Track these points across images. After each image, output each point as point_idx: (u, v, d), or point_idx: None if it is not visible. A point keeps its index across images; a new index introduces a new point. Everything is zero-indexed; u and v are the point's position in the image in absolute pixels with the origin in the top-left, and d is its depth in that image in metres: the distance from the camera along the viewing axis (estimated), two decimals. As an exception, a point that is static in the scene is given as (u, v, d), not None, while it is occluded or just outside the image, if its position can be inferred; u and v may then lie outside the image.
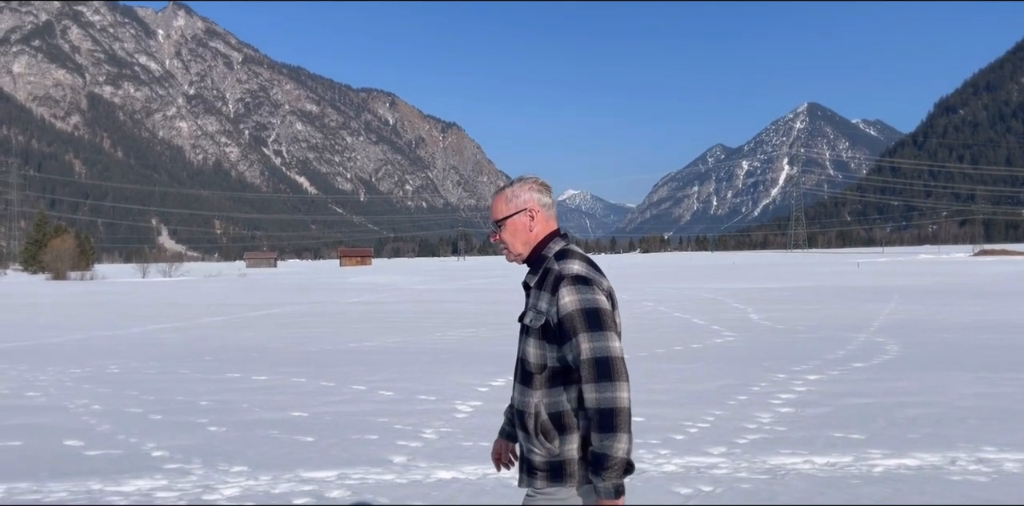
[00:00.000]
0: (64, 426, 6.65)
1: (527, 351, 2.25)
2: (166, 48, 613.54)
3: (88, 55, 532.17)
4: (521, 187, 2.37)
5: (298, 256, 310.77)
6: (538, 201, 2.36)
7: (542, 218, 2.35)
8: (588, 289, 2.16)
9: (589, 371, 2.09)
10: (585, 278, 2.19)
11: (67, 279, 68.83)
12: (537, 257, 2.34)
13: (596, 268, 2.28)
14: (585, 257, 2.28)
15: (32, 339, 15.29)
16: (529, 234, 2.35)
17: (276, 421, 6.70)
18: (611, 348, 2.10)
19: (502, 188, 2.42)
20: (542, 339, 2.20)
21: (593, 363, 2.08)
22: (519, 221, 2.35)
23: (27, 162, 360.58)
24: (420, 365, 10.30)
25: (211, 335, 15.82)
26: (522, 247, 2.36)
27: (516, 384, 2.31)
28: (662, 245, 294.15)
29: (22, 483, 4.91)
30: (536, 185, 2.38)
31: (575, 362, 2.13)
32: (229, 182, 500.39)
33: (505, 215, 2.36)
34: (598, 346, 2.09)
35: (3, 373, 10.12)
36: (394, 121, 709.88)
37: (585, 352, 2.10)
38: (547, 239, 2.35)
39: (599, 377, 2.07)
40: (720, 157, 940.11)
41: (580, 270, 2.21)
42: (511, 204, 2.36)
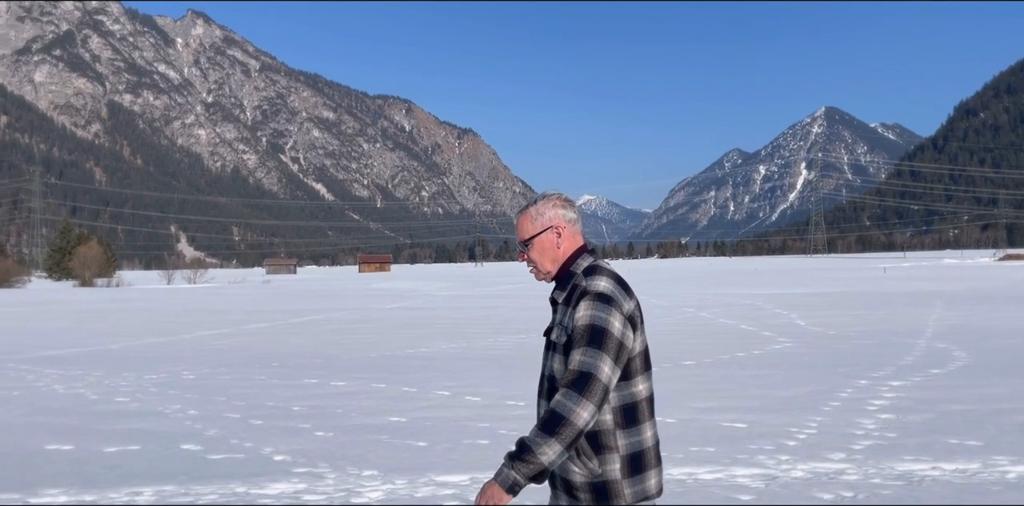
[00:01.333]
0: (171, 431, 6.76)
1: (553, 368, 2.23)
2: (185, 56, 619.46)
3: (108, 64, 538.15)
4: (545, 204, 2.36)
5: (316, 262, 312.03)
6: (563, 217, 2.35)
7: (568, 234, 2.34)
8: (605, 308, 2.14)
9: (567, 378, 2.08)
10: (607, 296, 2.16)
11: (93, 286, 69.57)
12: (565, 274, 2.32)
13: (624, 287, 2.24)
14: (614, 274, 2.26)
15: (88, 345, 15.50)
16: (557, 251, 2.33)
17: (379, 426, 6.78)
18: (598, 368, 2.06)
19: (525, 207, 2.39)
20: (566, 355, 2.18)
21: (575, 373, 2.06)
22: (546, 239, 2.33)
23: (49, 170, 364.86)
24: (491, 370, 10.36)
25: (264, 341, 15.98)
26: (551, 265, 2.34)
27: (541, 401, 2.28)
28: (680, 250, 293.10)
29: (167, 486, 5.03)
30: (560, 201, 2.37)
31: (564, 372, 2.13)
32: (247, 189, 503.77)
33: (532, 234, 2.34)
34: (587, 361, 2.07)
35: (82, 379, 10.28)
36: (410, 127, 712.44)
37: (573, 362, 2.08)
38: (575, 255, 2.33)
39: (571, 385, 2.05)
40: (737, 162, 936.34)
41: (605, 288, 2.19)
42: (536, 223, 2.34)
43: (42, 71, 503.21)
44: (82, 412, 7.81)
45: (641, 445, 2.16)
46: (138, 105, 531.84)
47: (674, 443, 5.92)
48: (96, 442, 6.36)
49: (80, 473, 5.36)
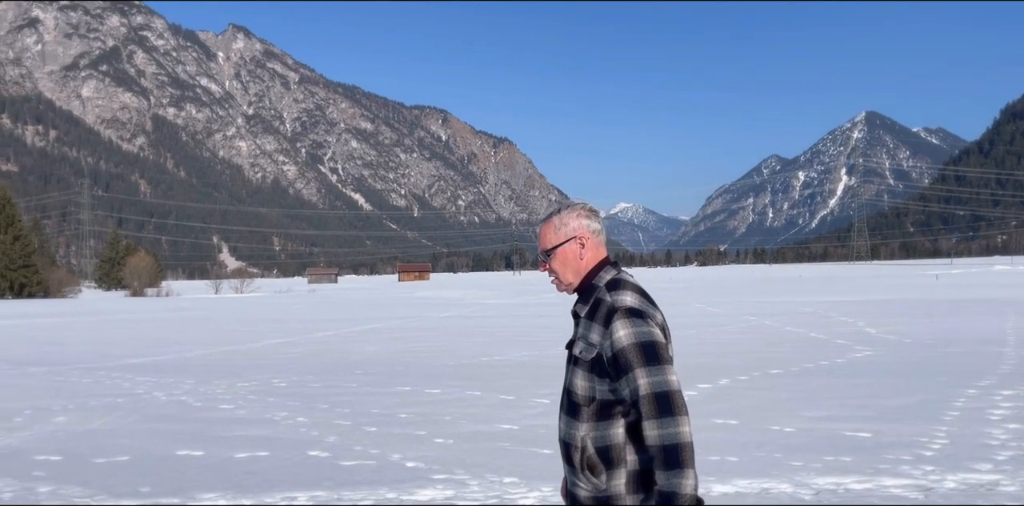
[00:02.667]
0: (290, 438, 6.86)
1: (574, 382, 2.19)
2: (226, 70, 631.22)
3: (153, 78, 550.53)
4: (569, 214, 2.31)
5: (354, 271, 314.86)
6: (587, 228, 2.29)
7: (592, 245, 2.29)
8: (643, 322, 2.10)
9: (649, 407, 2.02)
10: (639, 311, 2.12)
11: (144, 295, 70.95)
12: (588, 286, 2.26)
13: (649, 299, 2.20)
14: (638, 288, 2.21)
15: (165, 354, 15.79)
16: (580, 262, 2.28)
17: (495, 434, 6.81)
18: (669, 382, 2.04)
19: (549, 216, 2.35)
20: (591, 372, 2.14)
21: (653, 399, 2.02)
22: (569, 249, 2.28)
23: (96, 182, 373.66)
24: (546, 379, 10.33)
25: (336, 349, 16.14)
26: (573, 276, 2.29)
27: (562, 415, 2.25)
28: (719, 258, 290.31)
29: (317, 491, 5.09)
30: (584, 211, 2.33)
31: (632, 397, 2.07)
32: (287, 199, 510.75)
33: (555, 244, 2.29)
34: (656, 381, 2.03)
35: (177, 386, 10.47)
36: (446, 137, 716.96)
37: (644, 387, 2.03)
38: (598, 267, 2.28)
39: (660, 413, 2.01)
40: (775, 168, 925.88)
41: (634, 302, 2.14)
42: (560, 232, 2.29)
43: (89, 86, 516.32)
44: (193, 419, 7.96)
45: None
46: (181, 118, 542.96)
47: (803, 452, 5.85)
48: (223, 448, 6.47)
49: (225, 478, 5.46)
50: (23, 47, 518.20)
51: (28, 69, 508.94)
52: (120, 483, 5.37)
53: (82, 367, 13.30)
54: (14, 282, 67.46)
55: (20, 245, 68.52)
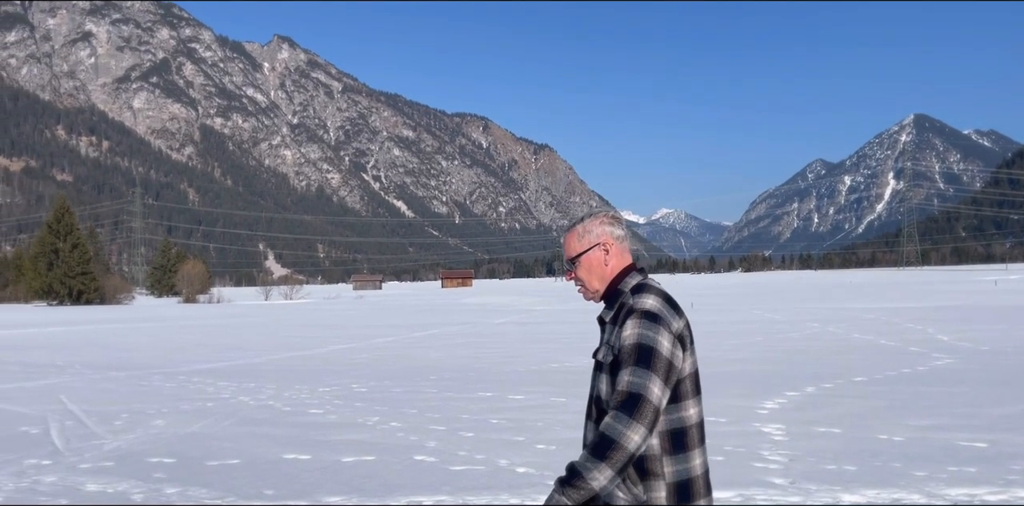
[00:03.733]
0: (392, 442, 6.91)
1: (600, 389, 2.16)
2: (271, 80, 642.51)
3: (200, 89, 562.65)
4: (592, 222, 2.30)
5: (397, 278, 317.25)
6: (611, 234, 2.28)
7: (617, 252, 2.27)
8: (652, 326, 2.06)
9: (617, 400, 2.00)
10: (654, 315, 2.09)
11: (196, 302, 72.31)
12: (613, 292, 2.25)
13: (673, 306, 2.17)
14: (663, 293, 2.19)
15: (234, 359, 16.06)
16: (604, 269, 2.26)
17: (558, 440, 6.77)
18: (648, 389, 1.98)
19: (572, 224, 2.34)
20: (613, 375, 2.10)
21: (624, 395, 1.99)
22: (594, 257, 2.27)
23: (146, 191, 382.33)
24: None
25: (401, 355, 16.26)
26: (598, 283, 2.28)
27: (588, 423, 2.20)
28: (764, 264, 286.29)
29: (439, 496, 5.11)
30: (607, 218, 2.32)
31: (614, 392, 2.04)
32: (331, 207, 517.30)
33: (579, 252, 2.28)
34: (636, 381, 1.99)
35: (260, 391, 10.64)
36: (487, 144, 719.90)
37: (622, 383, 2.01)
38: (623, 273, 2.27)
39: (620, 407, 1.97)
40: (820, 173, 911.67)
41: (653, 306, 2.12)
42: (584, 240, 2.28)
43: (140, 98, 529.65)
44: (288, 423, 8.07)
45: (689, 473, 2.07)
46: (228, 128, 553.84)
47: (924, 462, 5.73)
48: (328, 452, 6.55)
49: (343, 482, 5.52)
50: (77, 60, 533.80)
51: (82, 81, 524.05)
52: (242, 485, 5.47)
53: (161, 372, 13.58)
54: (73, 289, 69.23)
55: (78, 253, 70.35)
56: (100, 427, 8.01)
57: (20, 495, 5.29)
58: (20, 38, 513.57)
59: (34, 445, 7.13)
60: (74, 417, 8.70)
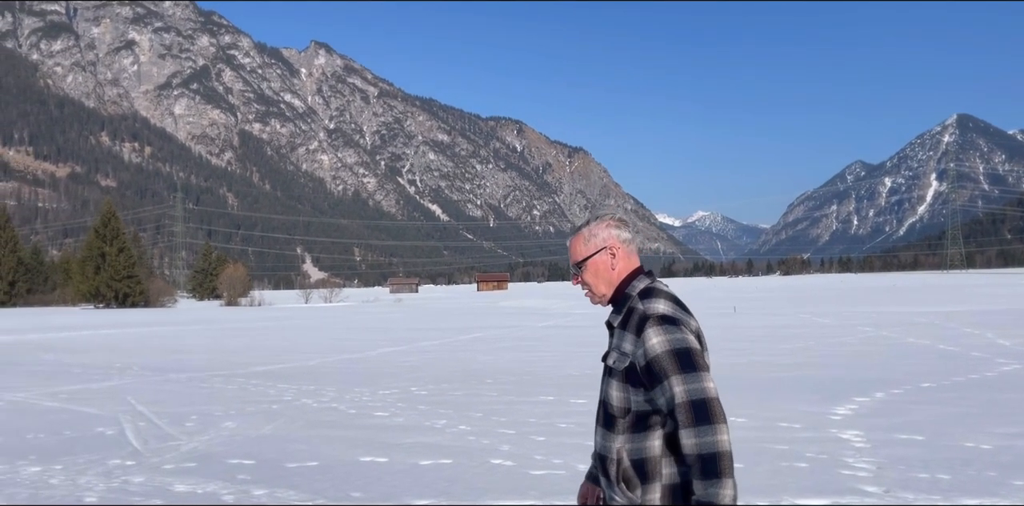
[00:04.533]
0: (464, 446, 6.91)
1: (610, 394, 2.15)
2: (308, 85, 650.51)
3: (239, 95, 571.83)
4: (598, 225, 2.28)
5: (432, 281, 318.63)
6: (617, 237, 2.26)
7: (623, 255, 2.25)
8: (676, 329, 2.05)
9: (686, 415, 1.97)
10: (672, 318, 2.08)
11: (238, 305, 73.29)
12: (621, 296, 2.23)
13: (683, 307, 2.16)
14: (672, 296, 2.17)
15: (288, 362, 16.21)
16: (611, 273, 2.24)
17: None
18: (707, 389, 1.99)
19: (578, 228, 2.31)
20: (625, 382, 2.10)
21: (689, 407, 1.96)
22: (600, 260, 2.24)
23: (187, 196, 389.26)
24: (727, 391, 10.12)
25: (452, 358, 16.28)
26: (605, 287, 2.25)
27: (598, 427, 2.21)
28: (803, 267, 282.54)
29: (527, 501, 5.09)
30: (613, 221, 2.29)
31: (668, 406, 2.02)
32: (367, 211, 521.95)
33: (585, 256, 2.26)
34: (693, 388, 1.98)
35: (322, 394, 10.72)
36: (521, 148, 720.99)
37: (680, 395, 1.98)
38: (630, 277, 2.24)
39: (697, 421, 1.95)
40: (860, 174, 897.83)
41: (666, 310, 2.10)
42: (590, 244, 2.26)
43: (181, 104, 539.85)
44: (356, 426, 8.11)
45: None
46: (266, 133, 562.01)
47: (1019, 471, 5.57)
48: (403, 455, 6.57)
49: (428, 485, 5.53)
50: (120, 68, 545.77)
51: (125, 89, 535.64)
52: (327, 488, 5.50)
53: (219, 374, 13.76)
54: (119, 292, 70.61)
55: (124, 257, 71.74)
56: (173, 428, 8.13)
57: (113, 495, 5.38)
58: (66, 46, 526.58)
59: (114, 446, 7.25)
60: (145, 418, 8.84)
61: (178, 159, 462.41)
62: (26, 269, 79.50)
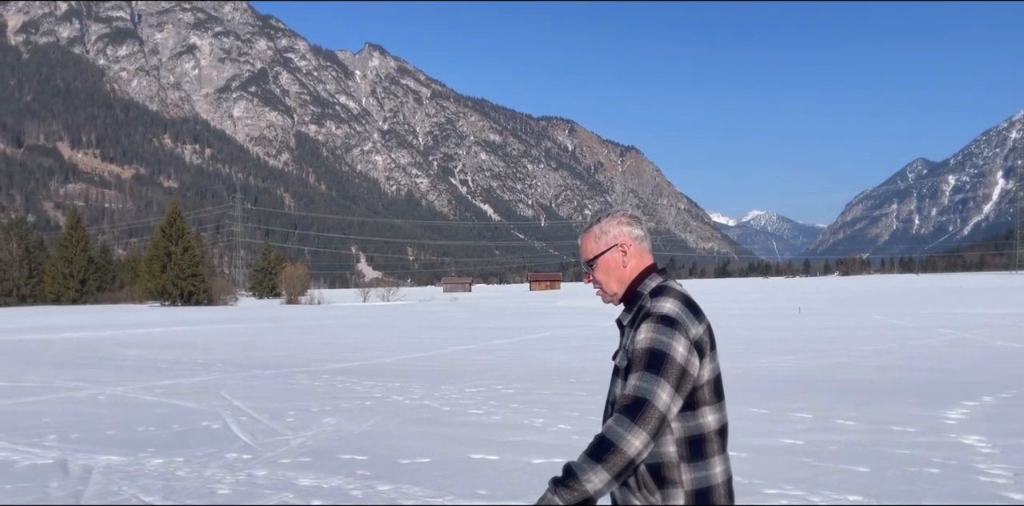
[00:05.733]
0: (571, 445, 6.86)
1: (616, 393, 2.10)
2: (362, 87, 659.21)
3: (296, 97, 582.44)
4: (609, 222, 2.23)
5: (484, 281, 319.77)
6: (629, 235, 2.20)
7: (635, 252, 2.19)
8: (667, 331, 1.99)
9: (621, 403, 1.94)
10: (671, 319, 2.01)
11: (299, 303, 74.55)
12: (633, 295, 2.17)
13: (694, 310, 2.08)
14: (683, 296, 2.10)
15: (365, 359, 16.37)
16: (623, 271, 2.19)
17: (784, 448, 6.57)
18: (655, 395, 1.91)
19: (589, 225, 2.27)
20: (627, 380, 2.03)
21: (630, 399, 1.92)
22: (611, 258, 2.19)
23: (245, 196, 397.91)
24: (817, 393, 9.91)
25: (525, 357, 16.26)
26: (617, 286, 2.20)
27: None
28: (862, 267, 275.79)
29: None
30: (625, 218, 2.24)
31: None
32: (420, 211, 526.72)
33: (596, 254, 2.21)
34: (643, 386, 1.93)
35: (411, 391, 10.80)
36: (573, 147, 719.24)
37: (629, 387, 1.95)
38: (643, 275, 2.18)
39: (624, 411, 1.91)
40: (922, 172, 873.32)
41: (670, 310, 2.04)
42: (601, 241, 2.21)
43: (239, 107, 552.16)
44: (455, 423, 8.15)
45: (709, 481, 2.00)
46: (322, 135, 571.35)
47: None
48: (513, 453, 6.56)
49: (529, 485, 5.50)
50: (182, 72, 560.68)
51: (187, 92, 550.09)
52: (451, 484, 5.52)
53: (302, 371, 13.98)
54: (184, 290, 72.42)
55: (189, 256, 73.57)
56: (275, 424, 8.26)
57: (243, 488, 5.48)
58: (131, 52, 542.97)
59: (223, 440, 7.40)
60: (244, 413, 9.01)
61: (237, 160, 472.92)
62: (96, 268, 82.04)
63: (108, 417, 8.86)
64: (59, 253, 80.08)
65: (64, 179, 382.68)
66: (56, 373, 13.79)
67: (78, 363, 15.91)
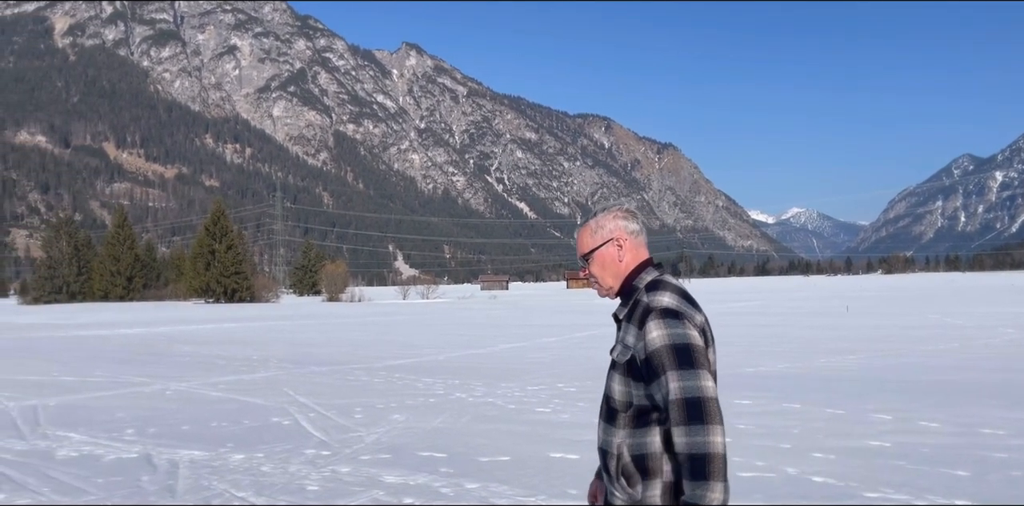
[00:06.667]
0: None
1: (612, 387, 2.12)
2: (400, 86, 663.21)
3: (334, 97, 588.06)
4: (606, 217, 2.24)
5: (520, 278, 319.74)
6: (625, 229, 2.22)
7: (631, 246, 2.21)
8: (678, 323, 2.00)
9: (679, 412, 1.92)
10: (675, 311, 2.03)
11: (340, 301, 75.21)
12: (628, 288, 2.18)
13: (690, 301, 2.10)
14: (679, 289, 2.12)
15: (416, 356, 16.39)
16: (619, 265, 2.20)
17: (874, 450, 6.40)
18: (703, 388, 1.93)
19: (586, 220, 2.29)
20: (627, 376, 2.06)
21: (683, 404, 1.92)
22: (607, 252, 2.21)
23: (285, 195, 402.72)
24: (890, 394, 9.67)
25: (578, 355, 16.14)
26: (612, 280, 2.21)
27: (600, 422, 2.19)
28: (906, 265, 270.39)
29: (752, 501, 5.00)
30: (621, 212, 2.25)
31: (663, 402, 1.98)
32: (456, 209, 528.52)
33: (592, 248, 2.23)
34: (689, 385, 1.92)
35: (471, 388, 10.77)
36: (609, 144, 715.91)
37: (674, 392, 1.93)
38: (638, 269, 2.20)
39: (690, 419, 1.90)
40: (968, 168, 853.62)
41: (670, 303, 2.05)
42: (597, 235, 2.23)
43: (279, 106, 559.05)
44: (524, 421, 8.08)
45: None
46: (360, 134, 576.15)
47: None
48: (592, 453, 6.43)
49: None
50: (223, 72, 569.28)
51: (227, 92, 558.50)
52: (539, 483, 5.46)
53: (359, 367, 14.03)
54: (227, 287, 73.47)
55: (232, 254, 74.62)
56: (344, 420, 8.27)
57: (332, 485, 5.47)
58: (173, 53, 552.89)
59: (298, 435, 7.42)
60: (312, 409, 9.04)
61: (276, 159, 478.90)
62: (142, 265, 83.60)
63: (179, 412, 8.96)
64: (107, 251, 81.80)
65: (110, 178, 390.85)
66: (120, 368, 14.02)
67: (139, 359, 16.17)
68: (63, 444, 7.03)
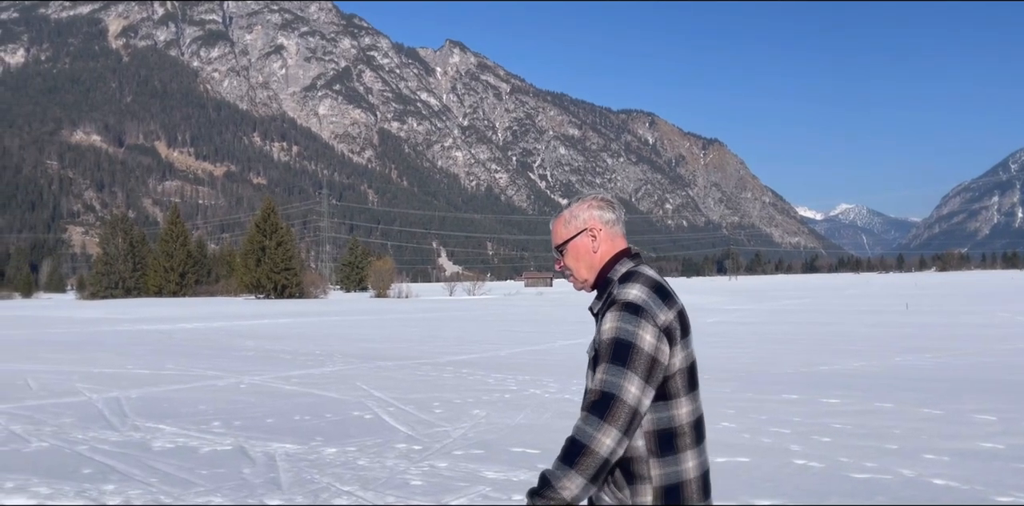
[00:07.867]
0: (750, 445, 6.60)
1: (586, 384, 2.03)
2: (443, 84, 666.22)
3: (379, 95, 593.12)
4: (579, 206, 2.17)
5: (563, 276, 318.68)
6: (599, 218, 2.14)
7: (606, 236, 2.12)
8: (632, 319, 1.90)
9: (588, 400, 1.89)
10: (636, 306, 1.92)
11: (387, 297, 75.80)
12: (604, 281, 2.09)
13: (663, 294, 1.99)
14: (651, 281, 2.01)
15: (477, 352, 16.34)
16: (593, 256, 2.12)
17: (990, 453, 6.13)
18: (623, 388, 1.83)
19: (560, 210, 2.22)
20: (594, 371, 1.97)
21: (597, 394, 1.86)
22: (580, 243, 2.13)
23: (331, 192, 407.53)
24: (986, 394, 9.31)
25: (643, 352, 15.95)
26: (587, 272, 2.13)
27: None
28: (961, 263, 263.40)
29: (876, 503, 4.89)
30: (596, 202, 2.17)
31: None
32: (499, 206, 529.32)
33: (565, 238, 2.15)
34: (610, 380, 1.85)
35: (544, 384, 10.67)
36: (653, 140, 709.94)
37: (596, 382, 1.88)
38: (613, 260, 2.11)
39: (592, 409, 1.85)
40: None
41: (636, 297, 1.94)
42: (570, 226, 2.15)
43: (325, 105, 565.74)
44: (609, 418, 7.93)
45: (680, 476, 1.93)
46: (404, 131, 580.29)
47: None
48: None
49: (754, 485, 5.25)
50: (270, 72, 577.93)
51: (274, 91, 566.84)
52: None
53: (425, 362, 14.02)
54: (277, 283, 74.53)
55: (282, 250, 75.65)
56: (425, 414, 8.22)
57: (435, 480, 5.39)
58: (222, 53, 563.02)
59: (384, 430, 7.38)
60: (390, 404, 9.01)
61: (322, 157, 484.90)
62: (194, 262, 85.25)
63: (259, 405, 9.00)
64: (160, 248, 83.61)
65: (161, 177, 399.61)
66: (189, 362, 14.20)
67: (204, 353, 16.38)
68: (156, 436, 7.09)
